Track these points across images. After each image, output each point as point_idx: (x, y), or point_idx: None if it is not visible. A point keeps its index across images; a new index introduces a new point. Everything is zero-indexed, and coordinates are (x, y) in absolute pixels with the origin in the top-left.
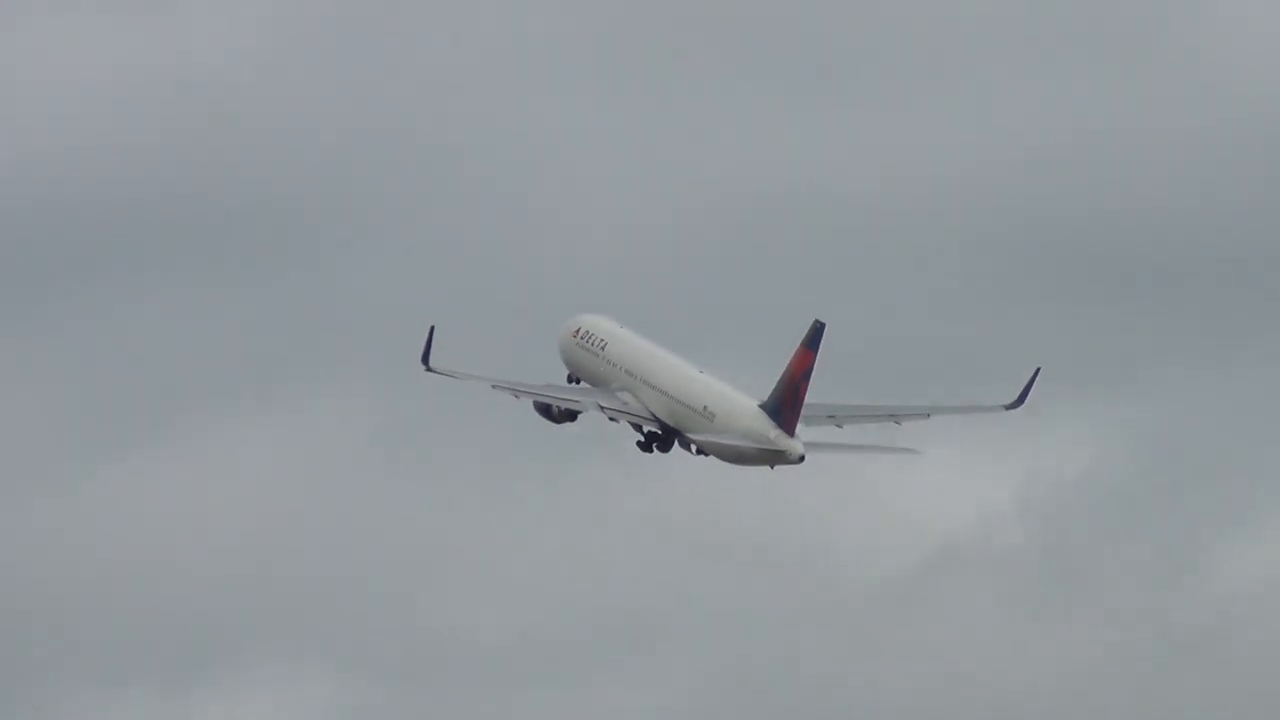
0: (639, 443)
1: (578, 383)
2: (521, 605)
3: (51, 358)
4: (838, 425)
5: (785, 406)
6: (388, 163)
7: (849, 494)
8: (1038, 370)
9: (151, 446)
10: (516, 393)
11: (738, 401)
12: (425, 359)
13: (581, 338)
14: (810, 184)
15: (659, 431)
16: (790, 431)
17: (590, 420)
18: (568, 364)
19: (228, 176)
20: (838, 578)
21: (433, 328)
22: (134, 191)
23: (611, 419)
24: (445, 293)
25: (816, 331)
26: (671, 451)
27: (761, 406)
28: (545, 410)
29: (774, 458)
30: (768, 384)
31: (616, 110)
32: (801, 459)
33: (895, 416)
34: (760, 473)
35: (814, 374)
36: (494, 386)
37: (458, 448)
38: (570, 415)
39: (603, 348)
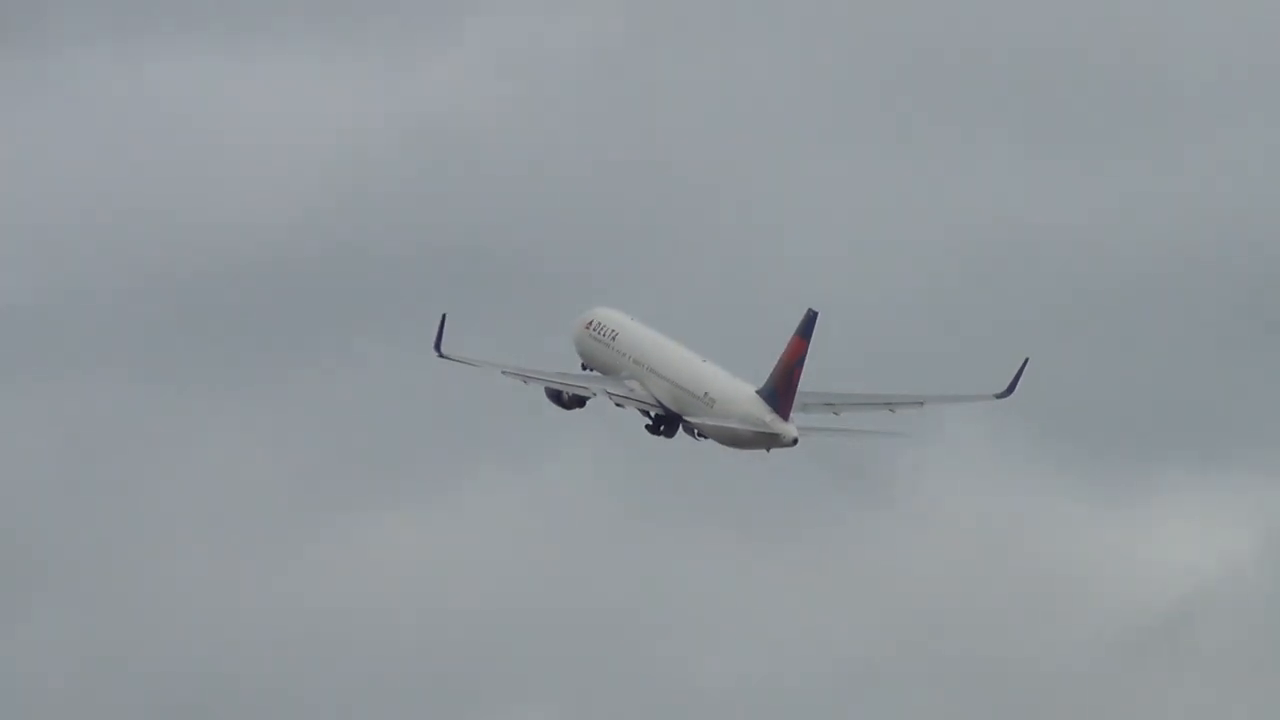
0: (647, 425)
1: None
2: None
3: (308, 409)
4: (835, 412)
5: (780, 392)
6: (632, 205)
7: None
8: (1026, 360)
9: (392, 505)
10: (525, 378)
11: (736, 388)
12: (438, 346)
13: (594, 329)
14: (1058, 229)
15: (664, 416)
16: (785, 416)
17: (599, 405)
18: (581, 354)
19: (471, 226)
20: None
21: (444, 315)
22: (382, 242)
23: (618, 405)
24: (712, 337)
25: (809, 321)
26: (676, 436)
27: (758, 392)
28: (556, 396)
29: (769, 441)
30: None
31: (858, 152)
32: (795, 442)
33: (890, 403)
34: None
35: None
36: (504, 373)
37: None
38: (580, 401)
39: (613, 338)
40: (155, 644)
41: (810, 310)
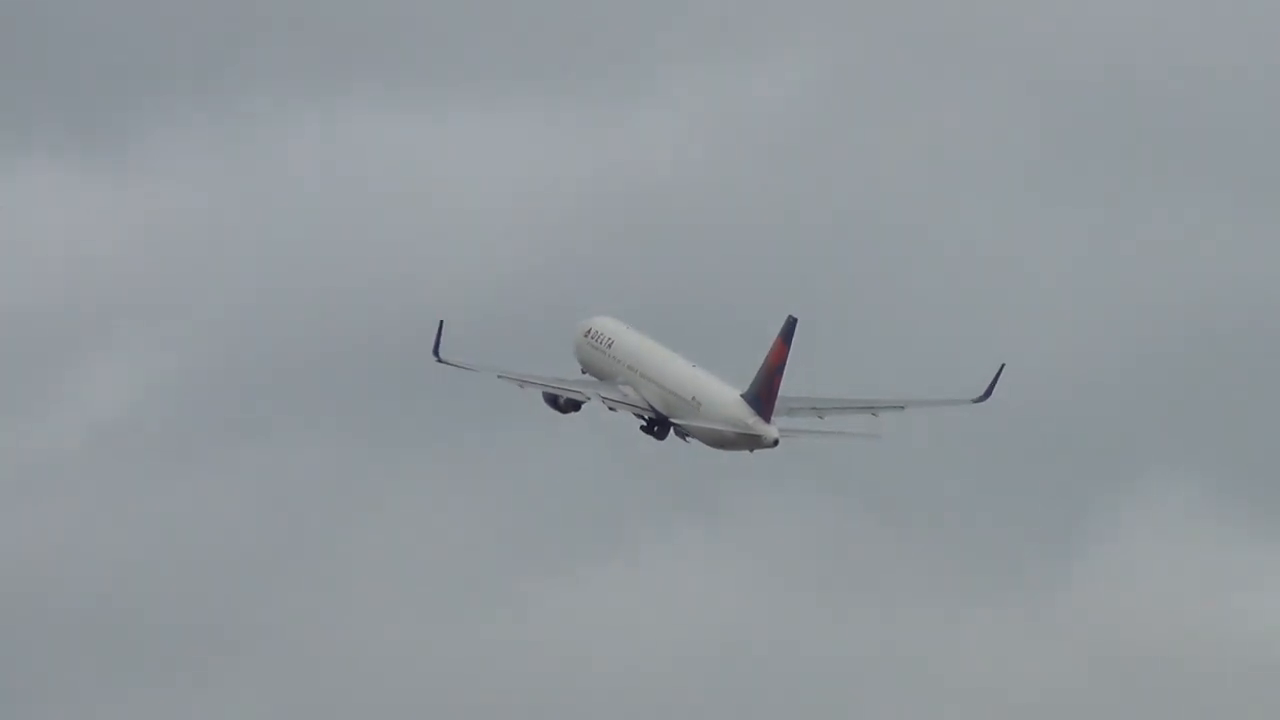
0: (641, 426)
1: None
2: None
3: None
4: (820, 416)
5: (763, 396)
6: (833, 258)
7: None
8: (1002, 366)
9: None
10: (521, 383)
11: (722, 392)
12: (436, 351)
13: (591, 337)
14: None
15: (655, 419)
16: (766, 418)
17: (592, 410)
18: (580, 361)
19: (675, 282)
20: None
21: (441, 322)
22: (588, 299)
23: (611, 409)
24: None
25: (790, 326)
26: (667, 438)
27: (742, 396)
28: (553, 401)
29: (752, 442)
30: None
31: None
32: (775, 443)
33: (872, 407)
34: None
35: None
36: (499, 377)
37: None
38: (575, 405)
39: (609, 345)
40: (357, 709)
41: (790, 317)
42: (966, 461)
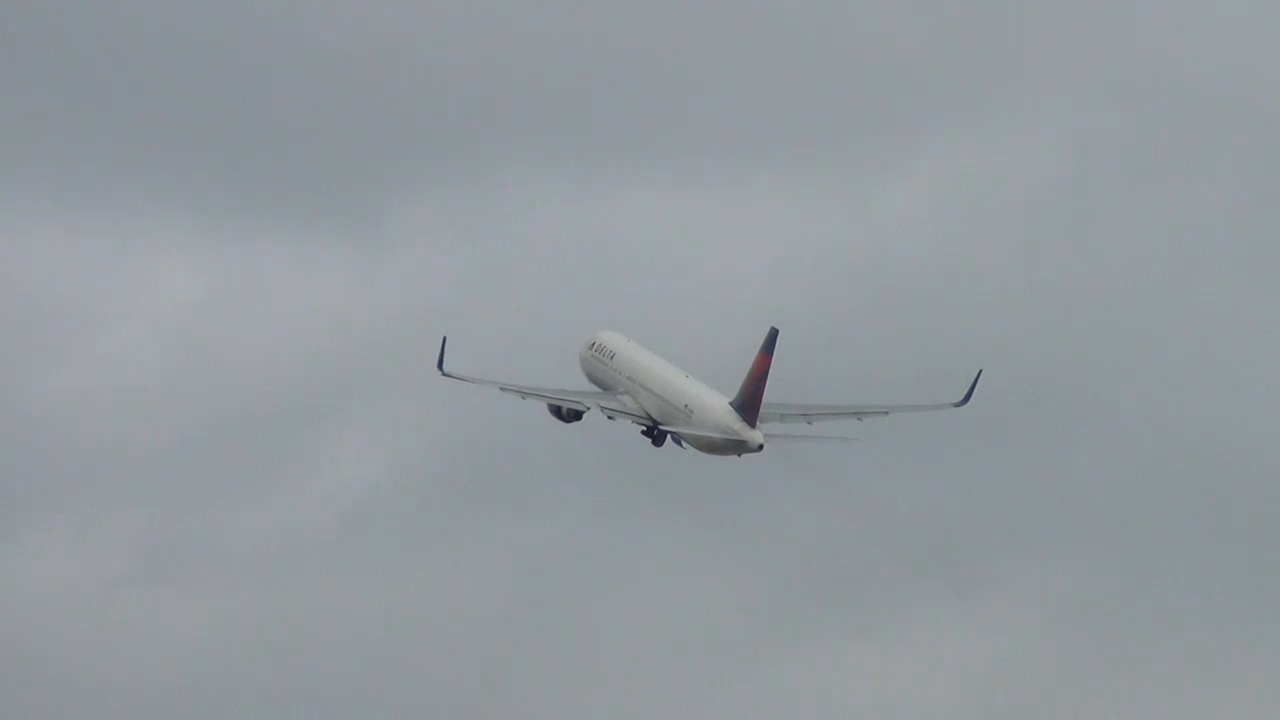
0: (642, 431)
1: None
2: None
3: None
4: (808, 421)
5: (748, 403)
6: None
7: None
8: (980, 371)
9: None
10: (523, 394)
11: (712, 400)
12: (440, 365)
13: (595, 350)
14: None
15: (652, 427)
16: (752, 424)
17: (594, 418)
18: (585, 373)
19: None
20: None
21: (445, 338)
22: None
23: (610, 417)
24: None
25: (772, 337)
26: (664, 445)
27: (731, 404)
28: (556, 411)
29: (739, 447)
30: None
31: None
32: (760, 447)
33: (858, 412)
34: None
35: None
36: (502, 389)
37: None
38: (577, 415)
39: (611, 358)
40: None
41: (773, 328)
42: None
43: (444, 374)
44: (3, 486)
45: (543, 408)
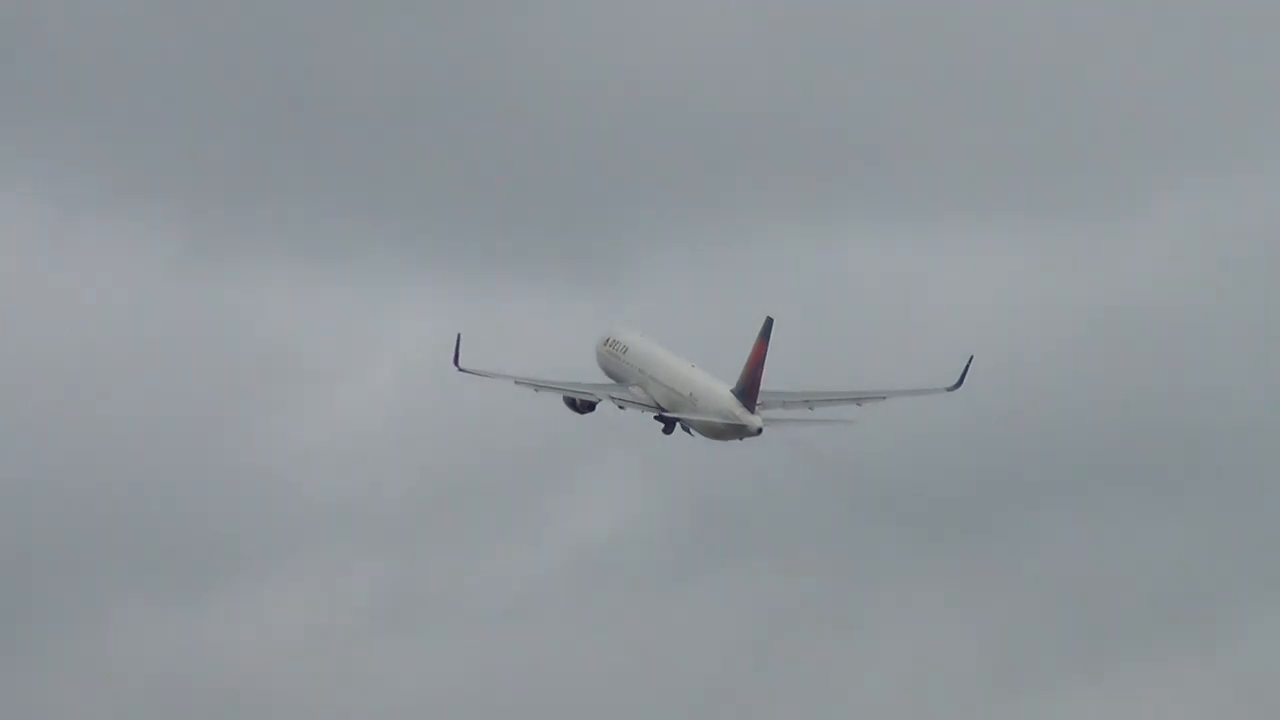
0: (655, 417)
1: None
2: None
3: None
4: (810, 407)
5: (748, 390)
6: None
7: None
8: (971, 357)
9: None
10: (537, 387)
11: (715, 388)
12: (456, 361)
13: (610, 345)
14: None
15: (661, 415)
16: (751, 409)
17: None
18: (601, 367)
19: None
20: None
21: (459, 335)
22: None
23: (621, 407)
24: None
25: (767, 326)
26: (674, 432)
27: (732, 391)
28: (571, 403)
29: (740, 431)
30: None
31: None
32: (760, 431)
33: (858, 398)
34: None
35: None
36: (517, 383)
37: None
38: (590, 406)
39: (624, 352)
40: None
41: (768, 317)
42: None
43: (460, 370)
44: (251, 538)
45: (558, 400)
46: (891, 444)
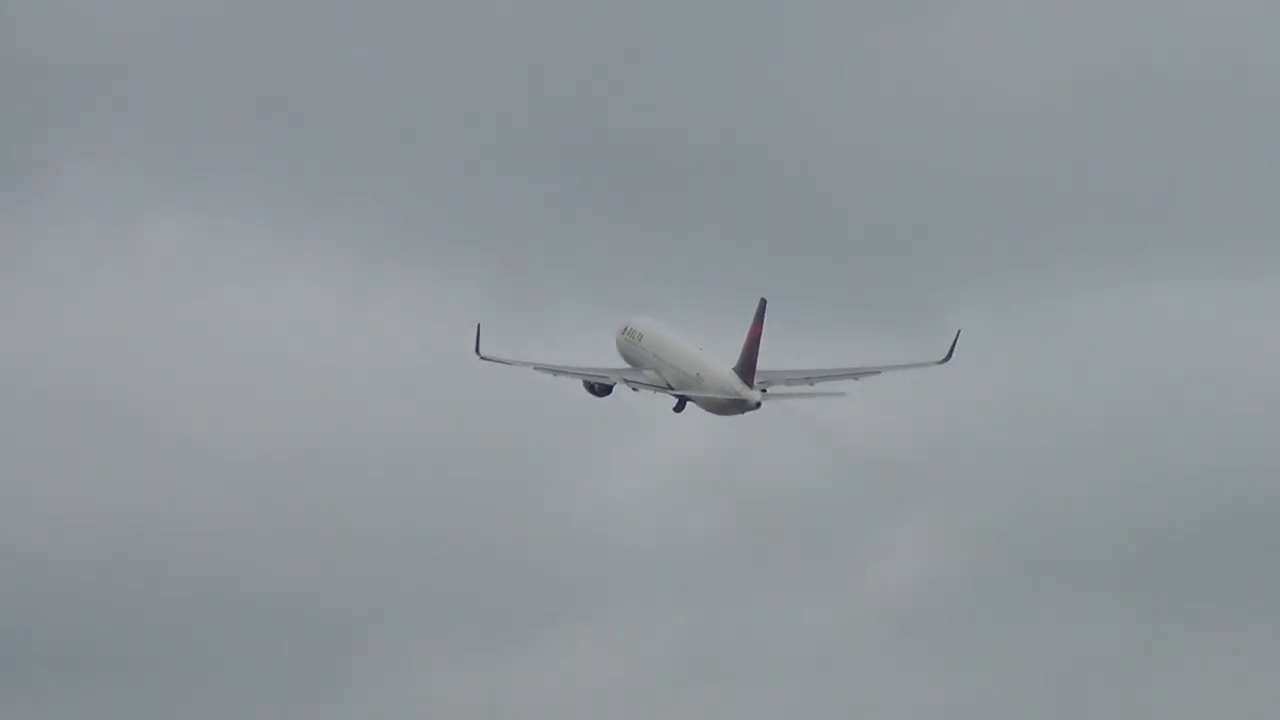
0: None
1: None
2: None
3: None
4: (810, 383)
5: (746, 367)
6: None
7: None
8: (959, 331)
9: None
10: (555, 372)
11: (718, 368)
12: (477, 349)
13: (627, 333)
14: None
15: (672, 395)
16: (750, 384)
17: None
18: (620, 353)
19: None
20: None
21: (479, 324)
22: None
23: (634, 389)
24: None
25: (761, 307)
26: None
27: (734, 369)
28: (590, 387)
29: (740, 406)
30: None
31: None
32: (758, 405)
33: (855, 374)
34: None
35: None
36: (536, 369)
37: None
38: (607, 389)
39: (640, 339)
40: None
41: (762, 299)
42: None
43: (481, 358)
44: (553, 586)
45: (578, 385)
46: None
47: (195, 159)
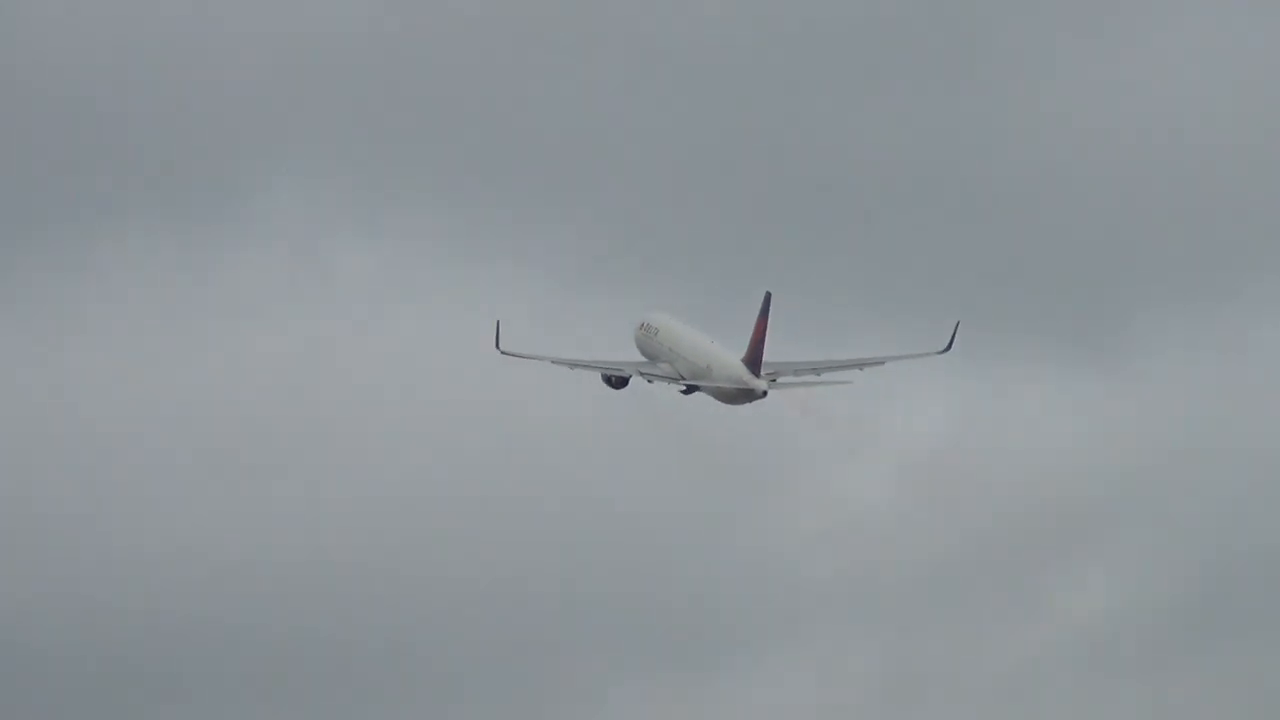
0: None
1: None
2: None
3: None
4: (817, 374)
5: (754, 357)
6: None
7: None
8: (958, 322)
9: None
10: (572, 366)
11: (728, 358)
12: (497, 344)
13: (644, 329)
14: None
15: (685, 385)
16: (757, 374)
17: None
18: (638, 347)
19: None
20: None
21: (498, 321)
22: None
23: (649, 381)
24: None
25: (766, 301)
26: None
27: (742, 360)
28: (607, 380)
29: (748, 394)
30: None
31: None
32: (765, 394)
33: (860, 364)
34: None
35: None
36: (554, 363)
37: None
38: (623, 381)
39: (656, 334)
40: None
41: (767, 292)
42: None
43: (502, 353)
44: (753, 618)
45: (597, 379)
46: None
47: (386, 184)
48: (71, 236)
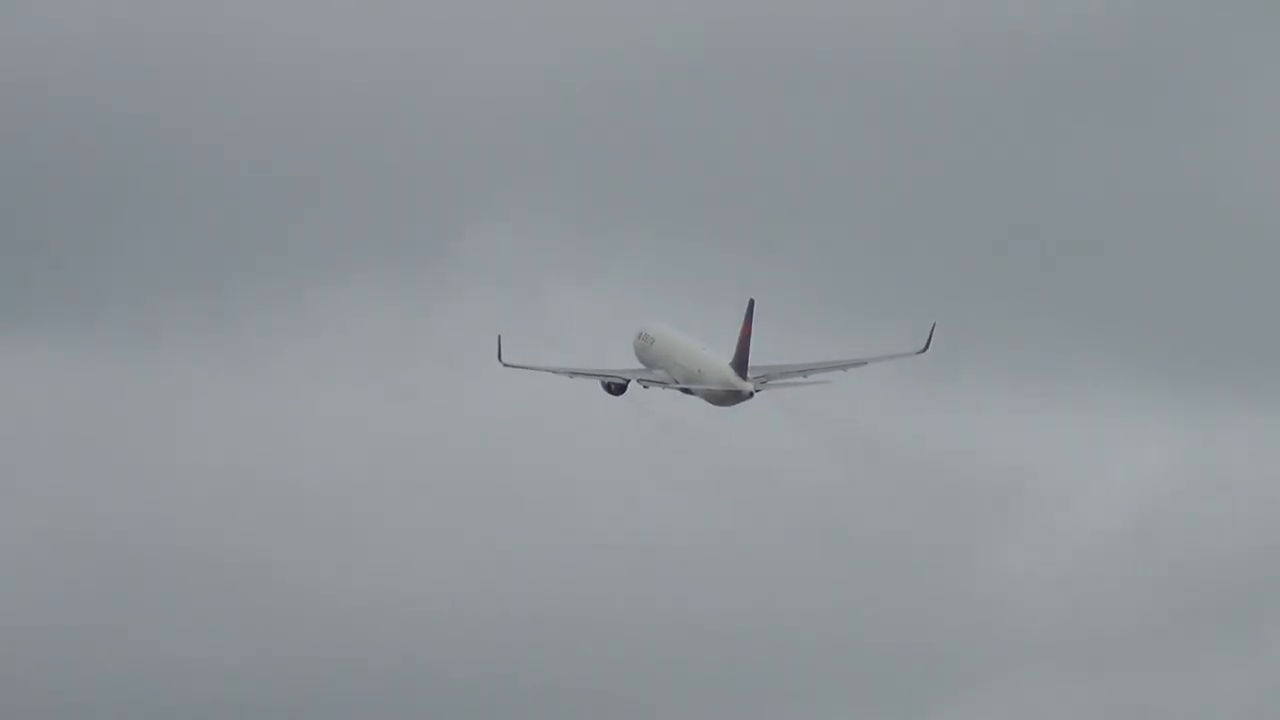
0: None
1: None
2: None
3: None
4: (804, 375)
5: (741, 360)
6: None
7: None
8: (934, 325)
9: None
10: (573, 374)
11: (717, 362)
12: (499, 357)
13: (642, 337)
14: None
15: (679, 390)
16: (744, 376)
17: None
18: (636, 355)
19: None
20: None
21: (499, 336)
22: None
23: (645, 386)
24: None
25: (750, 308)
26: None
27: (730, 363)
28: (607, 386)
29: (735, 396)
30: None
31: None
32: (752, 394)
33: (842, 366)
34: None
35: None
36: (553, 372)
37: None
38: (621, 388)
39: (653, 342)
40: None
41: (750, 300)
42: None
43: (504, 365)
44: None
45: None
46: None
47: (597, 226)
48: (289, 284)
